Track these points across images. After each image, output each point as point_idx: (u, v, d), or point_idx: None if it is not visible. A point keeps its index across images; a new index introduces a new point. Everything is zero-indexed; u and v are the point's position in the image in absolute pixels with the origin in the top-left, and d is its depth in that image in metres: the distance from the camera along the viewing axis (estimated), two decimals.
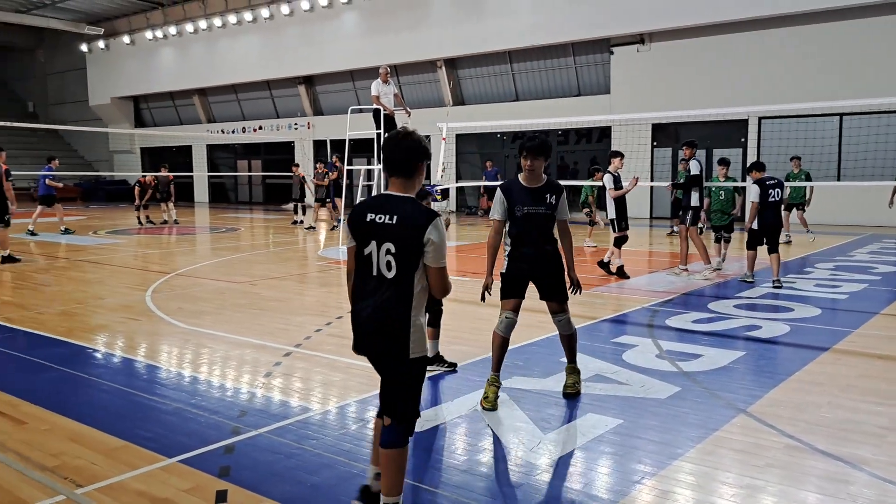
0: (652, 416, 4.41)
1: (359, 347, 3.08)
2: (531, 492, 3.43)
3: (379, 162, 13.48)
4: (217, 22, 28.76)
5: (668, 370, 5.39)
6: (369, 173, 15.03)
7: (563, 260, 4.74)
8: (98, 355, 6.06)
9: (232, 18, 28.32)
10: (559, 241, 4.76)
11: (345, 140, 14.61)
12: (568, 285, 4.76)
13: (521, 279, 4.69)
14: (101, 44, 33.36)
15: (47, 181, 16.24)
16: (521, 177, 4.75)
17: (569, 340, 4.86)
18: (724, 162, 10.80)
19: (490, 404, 4.51)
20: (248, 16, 27.88)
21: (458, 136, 23.25)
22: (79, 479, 3.52)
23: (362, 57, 25.05)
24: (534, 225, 4.62)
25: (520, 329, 6.70)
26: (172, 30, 30.21)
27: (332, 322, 7.12)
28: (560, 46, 22.28)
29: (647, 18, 19.81)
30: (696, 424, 4.25)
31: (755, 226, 9.33)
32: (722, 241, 10.82)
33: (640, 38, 20.70)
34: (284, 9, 26.81)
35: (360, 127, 15.06)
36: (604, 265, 10.11)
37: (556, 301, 4.75)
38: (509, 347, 4.80)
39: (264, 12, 27.34)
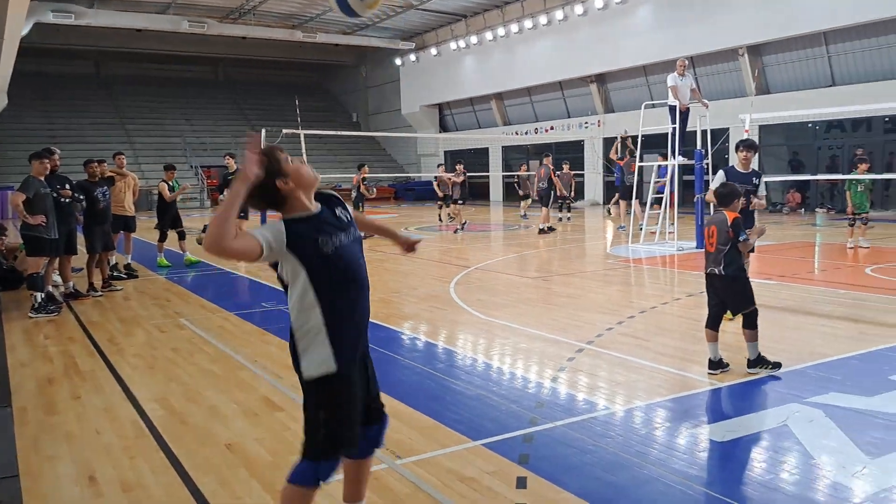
0: None
1: None
2: None
3: (674, 158, 13.03)
4: (514, 28, 29.95)
5: None
6: (659, 170, 14.58)
7: None
8: (410, 340, 6.75)
9: (528, 23, 29.31)
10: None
11: (637, 136, 14.38)
12: None
13: None
14: (412, 57, 36.68)
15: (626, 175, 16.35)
16: (736, 165, 6.89)
17: None
18: None
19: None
20: (542, 19, 28.66)
21: (761, 127, 21.47)
22: (399, 451, 3.96)
23: (656, 51, 24.32)
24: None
25: (836, 340, 6.09)
26: (474, 39, 32.16)
27: (624, 321, 7.08)
28: (889, 22, 19.41)
29: None
30: None
31: None
32: None
33: None
34: (578, 9, 27.06)
35: (652, 123, 14.69)
36: None
37: None
38: (825, 360, 4.43)
39: (558, 14, 27.85)
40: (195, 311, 8.27)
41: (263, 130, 18.31)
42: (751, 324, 5.18)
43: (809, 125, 22.27)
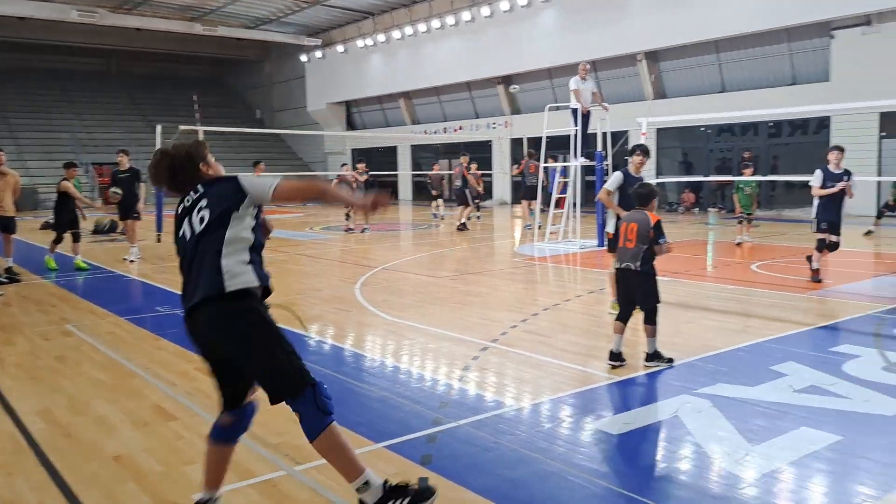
0: (877, 434, 4.01)
1: None
2: None
3: (576, 159, 13.38)
4: (422, 27, 30.02)
5: None
6: (564, 171, 14.94)
7: None
8: (315, 343, 6.62)
9: (435, 23, 29.45)
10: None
11: (541, 138, 14.67)
12: None
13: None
14: (318, 53, 36.15)
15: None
16: (630, 168, 7.14)
17: None
18: None
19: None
20: (450, 20, 28.86)
21: (658, 130, 22.39)
22: (298, 457, 3.86)
23: (560, 54, 24.92)
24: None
25: (724, 333, 6.41)
26: (381, 37, 32.03)
27: (528, 319, 7.20)
28: (773, 32, 20.66)
29: None
30: None
31: None
32: None
33: (866, 20, 18.66)
34: (485, 11, 27.40)
35: (556, 125, 15.03)
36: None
37: None
38: (714, 352, 4.65)
39: (465, 15, 28.11)
40: (83, 316, 7.83)
41: (159, 127, 17.50)
42: (652, 320, 5.40)
43: (702, 129, 23.41)
